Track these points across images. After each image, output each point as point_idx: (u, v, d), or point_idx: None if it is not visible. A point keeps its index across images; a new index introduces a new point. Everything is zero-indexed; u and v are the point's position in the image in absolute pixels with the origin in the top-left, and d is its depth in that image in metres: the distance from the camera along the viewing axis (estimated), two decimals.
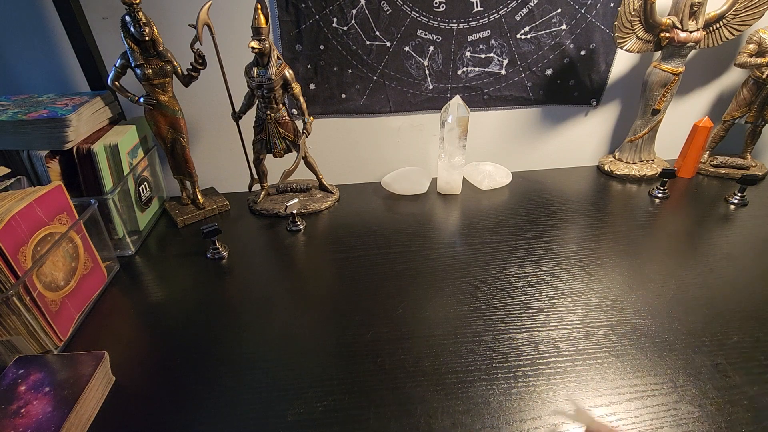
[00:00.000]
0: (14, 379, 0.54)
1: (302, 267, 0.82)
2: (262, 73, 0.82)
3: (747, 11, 0.90)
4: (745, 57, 0.95)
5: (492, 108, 1.06)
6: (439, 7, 0.91)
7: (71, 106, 0.78)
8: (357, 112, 1.03)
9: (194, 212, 0.96)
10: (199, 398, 0.56)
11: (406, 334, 0.64)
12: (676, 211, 0.95)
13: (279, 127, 0.90)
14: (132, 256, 0.85)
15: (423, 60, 0.98)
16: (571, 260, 0.79)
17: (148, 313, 0.71)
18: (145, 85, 0.81)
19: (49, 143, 0.75)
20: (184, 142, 0.89)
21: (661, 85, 0.96)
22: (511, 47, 0.98)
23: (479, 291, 0.72)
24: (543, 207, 0.97)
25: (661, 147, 1.09)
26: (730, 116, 1.03)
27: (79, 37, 0.83)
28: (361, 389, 0.56)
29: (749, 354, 0.59)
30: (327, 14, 0.90)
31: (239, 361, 0.62)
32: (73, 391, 0.52)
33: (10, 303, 0.57)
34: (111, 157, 0.80)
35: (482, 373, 0.58)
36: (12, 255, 0.57)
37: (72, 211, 0.71)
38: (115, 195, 0.80)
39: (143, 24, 0.74)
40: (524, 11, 0.94)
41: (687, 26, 0.90)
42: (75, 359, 0.57)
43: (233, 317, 0.70)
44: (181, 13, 0.86)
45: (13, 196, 0.63)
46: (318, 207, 0.98)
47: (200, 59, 0.82)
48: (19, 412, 0.50)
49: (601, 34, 0.98)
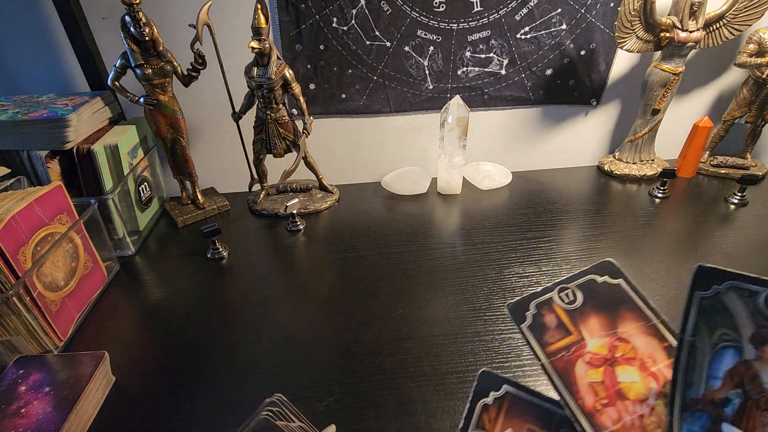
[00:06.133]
0: (14, 379, 0.54)
1: (302, 267, 0.82)
2: (262, 73, 0.82)
3: (747, 11, 0.90)
4: (745, 57, 0.95)
5: (492, 108, 1.06)
6: (439, 7, 0.91)
7: (71, 106, 0.78)
8: (357, 112, 1.03)
9: (194, 212, 0.96)
10: (198, 398, 0.56)
11: (406, 334, 0.64)
12: (676, 211, 0.95)
13: (279, 127, 0.90)
14: (132, 256, 0.85)
15: (423, 60, 0.98)
16: (571, 260, 0.79)
17: (148, 313, 0.71)
18: (145, 85, 0.81)
19: (49, 143, 0.75)
20: (184, 142, 0.89)
21: (661, 85, 0.96)
22: (511, 47, 0.98)
23: (479, 291, 0.72)
24: (543, 207, 0.97)
25: (661, 147, 1.09)
26: (730, 116, 1.03)
27: (79, 37, 0.83)
28: (361, 389, 0.56)
29: None
30: (327, 14, 0.90)
31: (239, 361, 0.62)
32: (73, 392, 0.52)
33: (10, 303, 0.57)
34: (111, 157, 0.80)
35: None
36: (12, 255, 0.57)
37: (72, 211, 0.71)
38: (115, 195, 0.80)
39: (143, 24, 0.74)
40: (524, 11, 0.94)
41: (687, 26, 0.90)
42: (75, 359, 0.57)
43: (233, 317, 0.70)
44: (181, 13, 0.86)
45: (13, 196, 0.63)
46: (318, 207, 0.98)
47: (200, 59, 0.82)
48: (19, 412, 0.50)
49: (601, 34, 0.98)
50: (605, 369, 0.26)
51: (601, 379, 0.25)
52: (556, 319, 0.28)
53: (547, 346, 0.27)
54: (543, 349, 0.27)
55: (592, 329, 0.27)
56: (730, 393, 0.24)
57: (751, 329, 0.24)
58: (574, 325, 0.27)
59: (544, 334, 0.27)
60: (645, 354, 0.26)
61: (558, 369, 0.26)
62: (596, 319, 0.27)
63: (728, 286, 0.25)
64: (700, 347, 0.25)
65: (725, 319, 0.24)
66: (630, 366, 0.25)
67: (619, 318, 0.27)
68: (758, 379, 0.23)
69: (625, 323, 0.26)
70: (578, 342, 0.27)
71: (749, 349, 0.24)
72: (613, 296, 0.27)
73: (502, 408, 0.27)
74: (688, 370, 0.24)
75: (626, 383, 0.25)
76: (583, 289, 0.28)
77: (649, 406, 0.25)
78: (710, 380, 0.24)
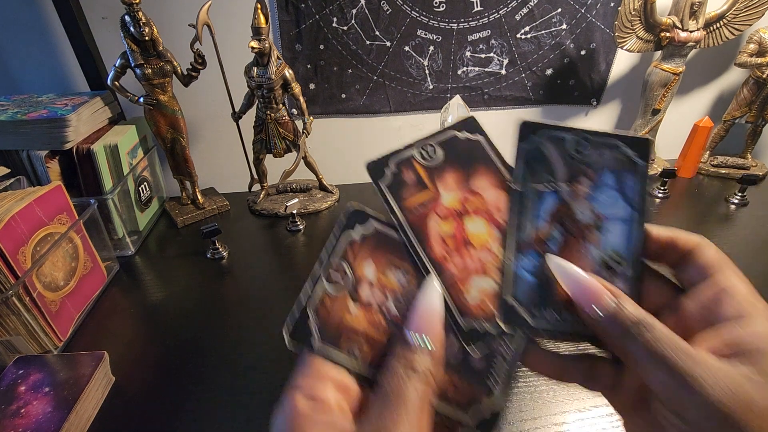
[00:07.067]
0: (14, 379, 0.54)
1: (302, 267, 0.82)
2: (262, 73, 0.82)
3: (747, 11, 0.90)
4: (746, 57, 0.95)
5: (492, 108, 1.06)
6: (439, 7, 0.91)
7: (71, 106, 0.77)
8: (357, 112, 1.03)
9: (194, 212, 0.95)
10: (198, 398, 0.56)
11: None
12: (676, 211, 0.94)
13: (279, 127, 0.90)
14: (132, 256, 0.85)
15: (423, 60, 0.97)
16: None
17: (147, 313, 0.71)
18: (144, 85, 0.81)
19: (48, 143, 0.75)
20: (183, 142, 0.89)
21: (661, 84, 0.96)
22: (511, 47, 0.98)
23: None
24: None
25: (662, 147, 1.09)
26: (730, 116, 1.03)
27: (78, 36, 0.83)
28: None
29: None
30: (327, 14, 0.90)
31: (239, 361, 0.61)
32: (73, 392, 0.52)
33: (10, 303, 0.57)
34: (111, 157, 0.80)
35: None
36: (12, 255, 0.57)
37: (72, 211, 0.70)
38: (115, 195, 0.80)
39: (143, 24, 0.74)
40: (524, 11, 0.93)
41: (687, 26, 0.90)
42: (75, 359, 0.57)
43: (233, 317, 0.70)
44: (181, 13, 0.86)
45: (12, 196, 0.63)
46: (318, 207, 0.98)
47: (200, 59, 0.82)
48: (19, 413, 0.50)
49: (602, 33, 0.97)
50: (455, 221, 0.28)
51: (451, 231, 0.28)
52: (414, 176, 0.29)
53: (403, 201, 0.28)
54: (399, 204, 0.28)
55: (448, 185, 0.29)
56: (553, 231, 0.27)
57: (563, 170, 0.28)
58: (431, 181, 0.29)
59: (402, 191, 0.29)
60: (493, 206, 0.28)
61: (412, 223, 0.28)
62: (452, 175, 0.29)
63: (543, 136, 0.29)
64: (526, 193, 0.28)
65: (544, 166, 0.28)
66: (478, 217, 0.28)
67: (473, 173, 0.29)
68: (573, 214, 0.27)
69: (478, 178, 0.28)
70: (433, 197, 0.28)
71: (564, 188, 0.28)
72: (471, 152, 0.29)
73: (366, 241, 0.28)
74: (519, 215, 0.28)
75: (473, 233, 0.28)
76: (444, 145, 0.30)
77: (491, 251, 0.27)
78: (536, 222, 0.28)
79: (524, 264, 0.27)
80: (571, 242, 0.27)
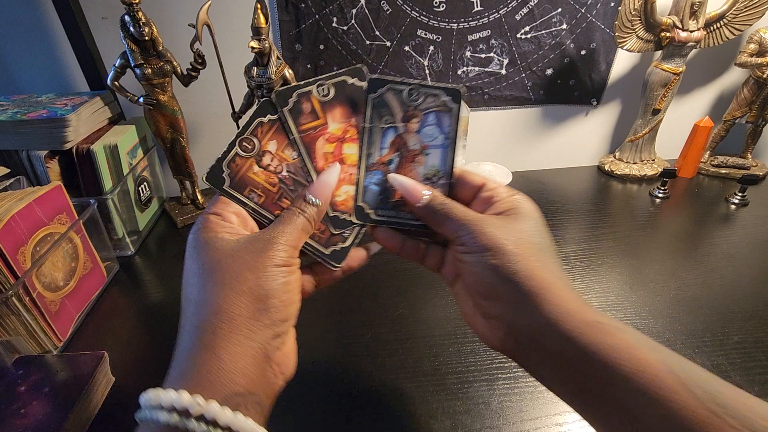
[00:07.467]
0: (14, 379, 0.54)
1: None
2: (261, 73, 0.82)
3: (747, 11, 0.90)
4: (746, 57, 0.95)
5: (492, 108, 1.06)
6: (439, 7, 0.91)
7: (71, 106, 0.77)
8: None
9: (194, 212, 0.95)
10: None
11: (406, 334, 0.64)
12: (676, 211, 0.94)
13: None
14: (132, 257, 0.85)
15: (423, 60, 0.97)
16: (571, 260, 0.79)
17: (147, 313, 0.71)
18: (144, 85, 0.81)
19: (48, 143, 0.75)
20: (183, 142, 0.89)
21: (661, 84, 0.96)
22: (512, 47, 0.98)
23: None
24: (543, 207, 0.95)
25: (662, 147, 1.09)
26: (730, 116, 1.03)
27: (78, 36, 0.83)
28: (361, 389, 0.56)
29: (750, 354, 0.59)
30: (327, 14, 0.90)
31: None
32: (73, 392, 0.52)
33: (10, 303, 0.57)
34: (110, 157, 0.80)
35: (482, 373, 0.58)
36: (11, 255, 0.57)
37: (71, 211, 0.70)
38: (115, 195, 0.80)
39: (143, 24, 0.74)
40: (524, 11, 0.93)
41: (687, 26, 0.90)
42: (75, 360, 0.57)
43: None
44: (181, 13, 0.86)
45: (12, 196, 0.63)
46: None
47: (200, 59, 0.82)
48: (19, 413, 0.50)
49: (602, 33, 0.97)
50: (336, 144, 0.40)
51: (332, 151, 0.39)
52: (310, 107, 0.39)
53: (300, 125, 0.39)
54: (297, 127, 0.38)
55: (335, 117, 0.39)
56: (392, 156, 0.40)
57: (401, 113, 0.39)
58: (323, 112, 0.39)
59: (300, 117, 0.39)
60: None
61: (304, 142, 0.39)
62: (340, 110, 0.39)
63: (387, 88, 0.39)
64: (374, 130, 0.39)
65: (387, 110, 0.39)
66: (353, 143, 0.40)
67: (355, 111, 0.40)
68: (407, 144, 0.40)
69: (357, 116, 0.40)
70: (323, 125, 0.39)
71: (401, 126, 0.39)
72: (355, 95, 0.39)
73: (275, 125, 0.38)
74: (368, 145, 0.40)
75: (347, 154, 0.40)
76: (336, 86, 0.39)
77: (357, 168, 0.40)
78: (381, 150, 0.40)
79: (371, 179, 0.40)
80: (405, 163, 0.40)
